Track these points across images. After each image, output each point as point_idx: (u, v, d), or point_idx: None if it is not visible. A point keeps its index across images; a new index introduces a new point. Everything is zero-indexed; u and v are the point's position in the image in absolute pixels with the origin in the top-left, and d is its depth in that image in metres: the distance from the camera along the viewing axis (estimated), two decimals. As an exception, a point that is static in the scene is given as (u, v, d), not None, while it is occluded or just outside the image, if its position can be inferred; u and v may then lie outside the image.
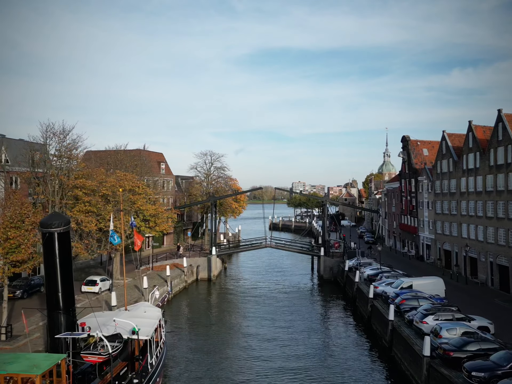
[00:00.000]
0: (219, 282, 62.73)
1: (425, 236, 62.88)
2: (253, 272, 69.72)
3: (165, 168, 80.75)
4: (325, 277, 61.93)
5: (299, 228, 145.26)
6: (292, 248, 66.80)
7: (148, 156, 78.29)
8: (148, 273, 55.64)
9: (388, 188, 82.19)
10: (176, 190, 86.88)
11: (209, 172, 78.66)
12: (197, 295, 55.43)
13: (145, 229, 47.07)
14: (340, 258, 63.20)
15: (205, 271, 63.47)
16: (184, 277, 57.71)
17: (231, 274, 68.78)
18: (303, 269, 72.33)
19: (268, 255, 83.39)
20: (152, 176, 74.48)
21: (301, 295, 54.76)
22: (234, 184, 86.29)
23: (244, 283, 61.83)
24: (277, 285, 60.07)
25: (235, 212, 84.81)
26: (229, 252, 67.59)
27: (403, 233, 72.54)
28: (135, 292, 45.64)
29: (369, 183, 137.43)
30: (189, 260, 63.64)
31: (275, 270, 71.81)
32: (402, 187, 72.46)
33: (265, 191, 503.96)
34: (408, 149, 68.35)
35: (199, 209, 79.01)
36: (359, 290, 45.67)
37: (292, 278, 64.87)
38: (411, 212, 67.91)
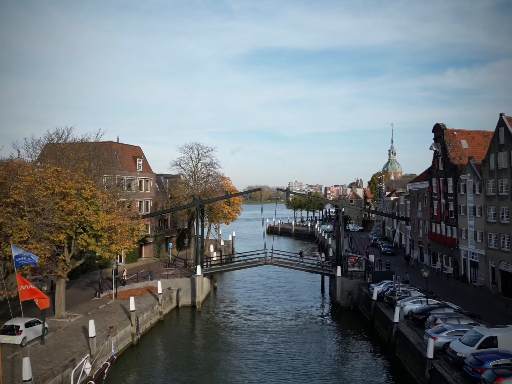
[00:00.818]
0: (206, 309, 48.79)
1: (469, 250, 49.17)
2: (250, 294, 55.77)
3: (143, 165, 66.69)
4: (342, 304, 48.11)
5: (300, 233, 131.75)
6: (299, 266, 52.87)
7: (121, 149, 64.24)
8: (108, 304, 41.61)
9: (412, 189, 68.43)
10: (158, 192, 72.86)
11: (195, 169, 64.62)
12: (175, 331, 41.45)
13: (96, 249, 33.02)
14: (361, 279, 49.37)
15: (188, 296, 49.52)
16: (159, 307, 43.68)
17: (222, 297, 54.80)
18: (312, 290, 58.45)
19: (268, 269, 69.27)
20: (123, 174, 60.38)
21: (312, 331, 41.01)
22: (227, 184, 72.35)
23: (237, 311, 47.93)
24: (280, 315, 46.27)
25: (228, 217, 70.88)
26: (218, 270, 53.61)
27: (435, 244, 58.82)
28: (76, 342, 31.45)
29: (378, 183, 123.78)
30: (167, 282, 49.68)
31: (277, 290, 57.90)
32: (434, 188, 58.76)
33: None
34: (444, 141, 54.65)
35: (183, 215, 64.92)
36: (403, 337, 31.85)
37: (299, 304, 51.00)
38: (448, 220, 54.20)
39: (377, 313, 39.75)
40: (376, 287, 42.76)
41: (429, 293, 40.39)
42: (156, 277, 50.54)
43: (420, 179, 65.25)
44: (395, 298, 38.19)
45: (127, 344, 35.69)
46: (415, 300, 36.69)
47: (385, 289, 41.75)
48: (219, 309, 49.04)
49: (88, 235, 32.58)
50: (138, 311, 39.61)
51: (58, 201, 28.82)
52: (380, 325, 38.31)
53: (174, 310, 47.81)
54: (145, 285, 48.74)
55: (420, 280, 49.95)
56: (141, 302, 42.98)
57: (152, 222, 68.20)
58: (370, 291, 44.28)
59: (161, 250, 68.12)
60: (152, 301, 43.92)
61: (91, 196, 32.21)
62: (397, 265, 60.24)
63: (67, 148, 41.38)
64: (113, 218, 33.13)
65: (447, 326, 28.78)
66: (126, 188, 62.21)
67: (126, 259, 62.26)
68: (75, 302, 41.85)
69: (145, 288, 47.71)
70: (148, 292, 46.81)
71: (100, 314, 38.32)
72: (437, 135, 56.63)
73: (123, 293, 45.42)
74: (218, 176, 67.56)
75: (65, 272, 34.79)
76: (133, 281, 49.51)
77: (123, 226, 34.58)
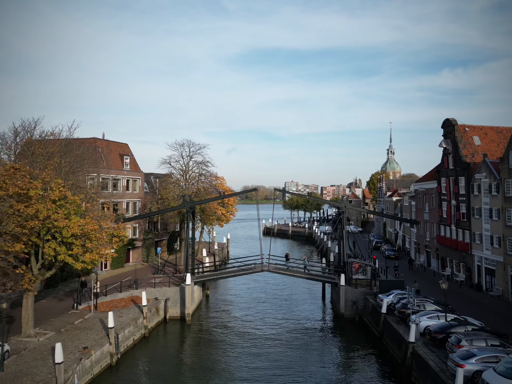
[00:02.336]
0: (196, 322, 44.38)
1: (484, 256, 45.07)
2: (245, 304, 51.42)
3: (130, 163, 62.17)
4: (346, 315, 43.88)
5: (297, 234, 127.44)
6: (299, 273, 48.51)
7: (106, 147, 59.72)
8: (86, 318, 37.12)
9: (418, 189, 64.26)
10: (148, 192, 68.38)
11: (187, 168, 60.11)
12: (160, 348, 36.99)
13: (67, 259, 28.57)
14: (366, 287, 45.12)
15: (177, 307, 45.12)
16: (143, 321, 39.25)
17: (214, 307, 50.42)
18: (312, 298, 54.15)
19: (264, 274, 64.77)
20: (108, 173, 55.91)
21: (314, 347, 36.80)
22: (221, 184, 67.93)
23: (231, 323, 43.61)
24: (278, 328, 42.01)
25: (222, 219, 66.49)
26: (210, 278, 49.19)
27: (444, 249, 54.69)
28: (41, 367, 26.90)
29: (378, 183, 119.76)
30: (154, 291, 45.27)
31: (275, 299, 53.56)
32: (443, 188, 54.64)
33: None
34: (455, 137, 50.51)
35: (173, 217, 60.42)
36: (420, 360, 27.59)
37: (299, 315, 46.74)
38: (459, 222, 50.08)
39: (387, 328, 35.49)
40: (385, 298, 38.50)
41: (444, 305, 36.28)
42: (142, 285, 46.16)
43: (427, 179, 61.10)
44: (408, 312, 33.95)
45: (104, 366, 31.25)
46: (431, 315, 32.40)
47: (395, 300, 37.50)
48: (211, 322, 44.65)
49: (57, 242, 28.11)
50: (119, 326, 35.23)
51: (13, 204, 24.31)
52: (391, 342, 34.05)
53: (161, 323, 43.37)
54: (129, 295, 44.30)
55: (428, 287, 45.87)
56: (123, 315, 38.57)
57: (140, 225, 63.78)
58: (377, 302, 40.07)
59: (150, 255, 63.63)
60: (136, 314, 39.50)
61: (60, 198, 27.70)
62: (400, 269, 56.10)
63: (35, 143, 36.64)
64: (86, 223, 28.66)
65: (475, 351, 24.55)
66: (111, 188, 57.80)
67: (112, 265, 57.76)
68: (49, 315, 37.39)
69: (129, 299, 43.26)
70: (132, 303, 42.37)
71: (75, 330, 33.87)
72: (447, 131, 52.50)
73: (104, 305, 40.96)
74: (211, 175, 63.15)
75: (33, 285, 30.28)
76: (117, 290, 44.99)
77: (99, 232, 30.09)
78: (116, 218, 53.58)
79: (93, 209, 31.80)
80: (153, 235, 65.42)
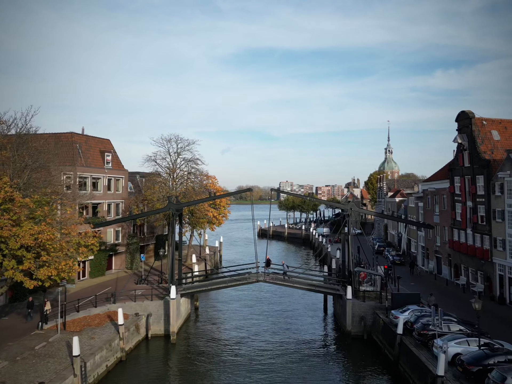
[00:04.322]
0: (182, 341, 38.98)
1: (507, 265, 39.99)
2: (239, 317, 46.07)
3: (112, 161, 56.53)
4: (353, 333, 38.59)
5: (293, 237, 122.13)
6: (299, 284, 43.13)
7: (84, 142, 54.10)
8: (50, 341, 31.53)
9: (426, 189, 59.11)
10: (133, 192, 62.76)
11: (174, 166, 54.54)
12: (139, 375, 31.50)
13: (16, 276, 23.03)
14: (376, 301, 39.86)
15: (160, 323, 39.67)
16: (120, 342, 33.75)
17: (204, 321, 45.00)
18: (313, 310, 48.87)
19: (259, 282, 59.65)
20: (86, 171, 50.39)
21: (317, 370, 31.52)
22: (212, 184, 62.40)
23: (223, 341, 38.33)
24: (276, 346, 36.83)
25: (213, 222, 60.99)
26: (199, 290, 43.73)
27: (457, 255, 49.57)
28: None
29: (377, 183, 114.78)
30: (135, 305, 39.76)
31: (272, 310, 48.24)
32: (457, 188, 49.55)
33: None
34: (472, 131, 45.41)
35: (158, 221, 54.82)
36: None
37: (298, 330, 41.52)
38: (476, 226, 44.99)
39: (404, 352, 30.23)
40: (400, 315, 33.27)
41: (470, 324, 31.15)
42: (121, 299, 40.61)
43: (437, 178, 55.97)
44: (431, 333, 28.70)
45: (67, 403, 25.76)
46: (460, 339, 27.11)
47: (413, 319, 32.21)
48: (200, 339, 39.27)
49: (3, 255, 22.60)
50: (89, 351, 29.78)
51: None
52: (410, 370, 28.78)
53: (142, 343, 37.92)
54: (105, 310, 38.72)
55: (444, 300, 40.61)
56: (96, 336, 33.07)
57: (124, 228, 58.21)
58: (390, 319, 34.83)
59: (135, 261, 57.98)
60: (112, 334, 34.01)
61: (6, 200, 22.18)
62: (400, 273, 51.04)
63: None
64: (41, 231, 23.15)
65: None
66: (90, 188, 52.21)
67: (91, 273, 52.13)
68: (7, 338, 31.75)
69: (106, 315, 37.70)
70: (108, 320, 36.82)
71: (34, 358, 28.30)
72: (462, 125, 47.40)
73: (75, 323, 35.38)
74: (201, 174, 57.64)
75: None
76: (92, 304, 39.38)
77: (60, 241, 24.60)
78: (92, 221, 48.12)
79: (52, 214, 26.18)
80: (138, 239, 59.81)
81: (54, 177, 34.88)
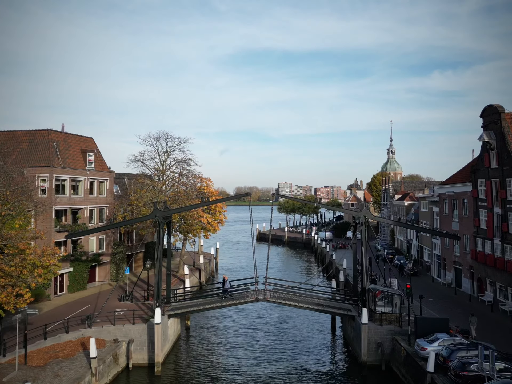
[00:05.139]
0: (170, 370, 33.37)
1: (547, 282, 34.38)
2: (235, 338, 40.42)
3: (95, 161, 50.84)
4: (370, 362, 32.98)
5: (293, 241, 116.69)
6: (305, 304, 37.44)
7: (63, 141, 48.46)
8: (4, 381, 25.81)
9: (444, 193, 53.53)
10: (120, 195, 57.01)
11: (163, 167, 48.84)
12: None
13: None
14: (394, 325, 34.20)
15: (143, 350, 33.96)
16: (92, 379, 28.06)
17: (195, 344, 39.31)
18: (319, 330, 43.28)
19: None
20: (63, 172, 44.80)
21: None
22: (207, 187, 56.66)
23: (217, 371, 32.66)
24: (277, 374, 31.18)
25: (208, 229, 55.30)
26: (190, 311, 37.97)
27: (482, 267, 44.03)
28: None
29: (383, 185, 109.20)
30: (114, 330, 34.05)
31: (272, 331, 42.60)
32: (481, 192, 44.05)
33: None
34: (501, 128, 39.92)
35: (145, 228, 49.03)
36: None
37: (303, 356, 36.00)
38: (506, 236, 39.48)
39: (438, 397, 24.63)
40: (428, 347, 27.72)
41: None
42: (98, 321, 34.90)
43: (457, 180, 50.40)
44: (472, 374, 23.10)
45: None
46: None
47: (445, 352, 26.57)
48: (190, 370, 33.61)
49: None
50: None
51: None
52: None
53: (121, 375, 32.23)
54: (79, 335, 33.07)
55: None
56: (62, 372, 27.43)
57: (108, 236, 52.56)
58: (415, 350, 29.25)
59: (121, 272, 52.29)
60: (83, 369, 28.37)
61: None
62: (415, 286, 45.46)
63: None
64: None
65: None
66: (69, 191, 46.56)
67: (69, 287, 46.48)
68: (-48, 376, 26.10)
69: (79, 342, 32.07)
70: (81, 348, 31.19)
71: (-23, 408, 22.69)
72: (489, 121, 41.89)
73: (40, 354, 29.74)
74: (194, 175, 51.94)
75: None
76: (64, 327, 33.64)
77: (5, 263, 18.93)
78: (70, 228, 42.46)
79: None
80: (124, 248, 54.12)
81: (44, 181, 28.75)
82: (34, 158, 45.73)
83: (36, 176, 43.69)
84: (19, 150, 46.26)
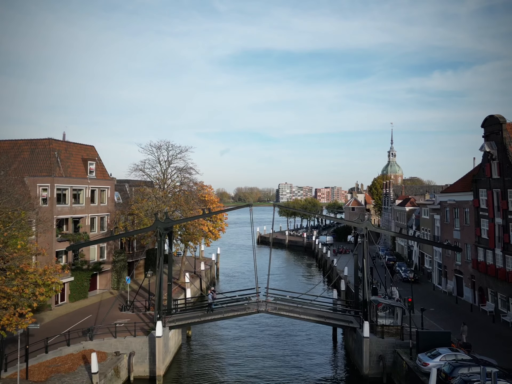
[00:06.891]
0: (171, 383, 33.30)
1: (548, 294, 34.34)
2: (236, 348, 40.42)
3: (96, 170, 50.87)
4: (371, 375, 32.97)
5: (294, 245, 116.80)
6: (306, 315, 37.40)
7: (64, 150, 48.49)
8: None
9: (445, 201, 53.54)
10: (121, 203, 57.04)
11: (165, 176, 48.89)
12: None
13: None
14: (396, 337, 34.17)
15: (145, 363, 33.97)
16: (92, 395, 28.08)
17: (197, 354, 39.31)
18: (319, 340, 43.24)
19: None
20: (63, 182, 44.80)
21: None
22: (208, 195, 56.61)
23: (218, 379, 32.62)
24: None
25: (209, 237, 55.31)
26: (191, 322, 37.99)
27: (483, 277, 44.04)
28: None
29: (383, 188, 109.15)
30: (115, 342, 34.05)
31: (274, 341, 42.57)
32: (482, 202, 44.04)
33: (250, 193, 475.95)
34: (502, 139, 39.91)
35: (145, 238, 49.04)
36: None
37: (304, 366, 35.94)
38: (508, 247, 39.46)
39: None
40: (430, 362, 27.72)
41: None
42: (99, 334, 34.89)
43: (458, 189, 50.41)
44: None
45: None
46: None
47: (447, 368, 26.51)
48: (191, 381, 33.59)
49: None
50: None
51: None
52: None
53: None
54: (80, 349, 33.07)
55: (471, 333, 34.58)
56: (62, 388, 27.37)
57: (109, 244, 52.56)
58: (416, 364, 29.23)
59: (122, 280, 52.36)
60: (85, 383, 28.34)
61: None
62: (416, 294, 45.43)
63: None
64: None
65: None
66: (71, 200, 46.57)
67: (70, 296, 46.51)
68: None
69: (80, 355, 32.06)
70: (82, 362, 31.20)
71: (-21, 427, 22.68)
72: (491, 131, 41.89)
73: (41, 369, 29.73)
74: (195, 184, 51.96)
75: None
76: (65, 339, 33.63)
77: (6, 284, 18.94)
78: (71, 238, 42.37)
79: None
80: (125, 255, 54.14)
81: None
82: (35, 167, 45.77)
83: (37, 185, 43.74)
84: (20, 159, 46.31)
